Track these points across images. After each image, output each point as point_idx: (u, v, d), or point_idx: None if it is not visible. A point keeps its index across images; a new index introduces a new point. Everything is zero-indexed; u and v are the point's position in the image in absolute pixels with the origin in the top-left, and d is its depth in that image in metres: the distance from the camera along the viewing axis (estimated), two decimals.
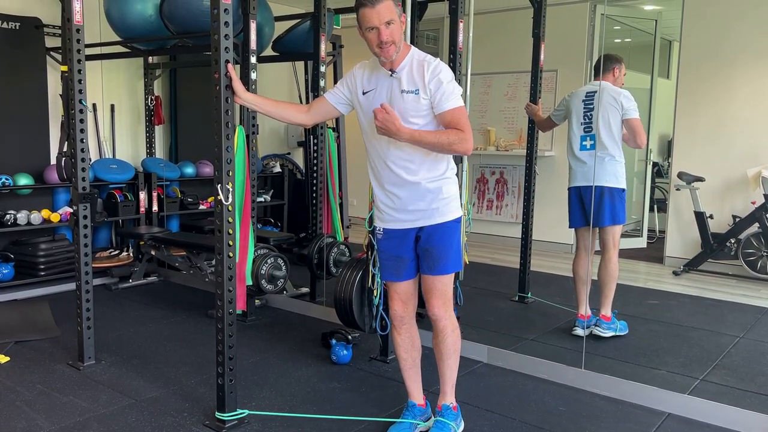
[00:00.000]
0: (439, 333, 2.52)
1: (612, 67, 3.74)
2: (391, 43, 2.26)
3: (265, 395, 2.97)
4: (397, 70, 2.35)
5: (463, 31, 3.55)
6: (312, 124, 2.69)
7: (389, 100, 2.35)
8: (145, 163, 5.43)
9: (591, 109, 3.72)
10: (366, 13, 2.24)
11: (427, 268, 2.46)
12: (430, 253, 2.42)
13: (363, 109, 2.44)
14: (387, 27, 2.24)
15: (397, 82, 2.35)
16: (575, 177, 3.79)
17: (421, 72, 2.32)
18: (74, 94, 3.14)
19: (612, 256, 3.74)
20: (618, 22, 6.39)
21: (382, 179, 2.44)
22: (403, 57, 2.35)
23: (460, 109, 2.31)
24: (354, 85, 2.47)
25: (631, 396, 2.97)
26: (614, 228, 3.71)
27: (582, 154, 3.74)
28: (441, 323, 2.50)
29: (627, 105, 3.63)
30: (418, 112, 2.32)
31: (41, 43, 4.93)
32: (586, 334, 3.69)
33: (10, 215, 4.54)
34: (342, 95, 2.52)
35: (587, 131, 3.73)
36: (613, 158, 3.67)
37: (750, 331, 3.95)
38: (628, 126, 3.65)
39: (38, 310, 4.17)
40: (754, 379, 3.22)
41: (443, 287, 2.48)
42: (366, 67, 2.46)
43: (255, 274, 3.85)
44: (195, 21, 4.12)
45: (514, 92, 6.51)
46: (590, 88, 3.78)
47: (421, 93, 2.31)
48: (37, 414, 2.75)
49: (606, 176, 3.66)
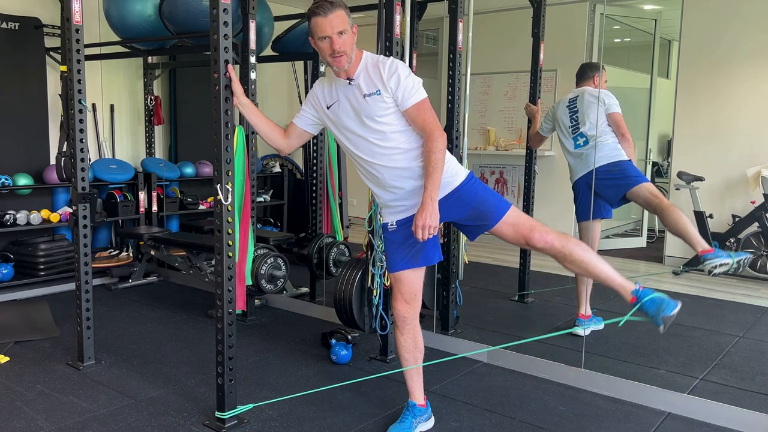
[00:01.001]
0: (566, 254, 2.44)
1: (592, 75, 3.83)
2: (342, 53, 2.30)
3: (264, 395, 2.97)
4: (354, 77, 2.38)
5: (462, 31, 3.55)
6: (288, 151, 2.72)
7: (353, 108, 2.39)
8: (144, 163, 5.43)
9: (576, 111, 3.79)
10: (319, 22, 2.28)
11: (490, 221, 2.44)
12: (475, 211, 2.44)
13: (333, 122, 2.48)
14: (339, 36, 2.28)
15: (356, 88, 2.38)
16: (578, 169, 3.78)
17: (377, 72, 2.35)
18: (74, 94, 3.14)
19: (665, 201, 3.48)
20: (617, 21, 6.39)
21: (381, 180, 2.45)
22: (357, 64, 2.38)
23: (423, 103, 2.35)
24: (317, 103, 2.51)
25: (631, 395, 2.97)
26: (646, 185, 3.56)
27: (578, 151, 3.76)
28: (557, 245, 2.43)
29: (608, 101, 3.69)
30: (386, 110, 2.35)
31: (41, 43, 4.93)
32: (587, 333, 3.69)
33: (9, 215, 4.54)
34: (309, 116, 2.57)
35: (576, 131, 3.78)
36: (609, 140, 3.67)
37: (750, 331, 3.95)
38: (612, 121, 3.68)
39: (38, 310, 4.17)
40: (754, 379, 3.22)
41: (521, 219, 2.46)
42: (324, 82, 2.50)
43: (255, 274, 3.85)
44: (194, 21, 4.12)
45: (514, 92, 6.51)
46: (572, 95, 3.87)
47: (383, 93, 2.34)
48: (37, 414, 2.75)
49: (610, 153, 3.65)
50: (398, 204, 2.48)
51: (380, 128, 2.37)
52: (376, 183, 2.48)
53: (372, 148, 2.41)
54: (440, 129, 2.34)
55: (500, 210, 2.46)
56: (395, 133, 2.38)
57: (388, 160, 2.40)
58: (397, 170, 2.41)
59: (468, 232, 2.58)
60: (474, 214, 2.46)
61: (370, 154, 2.42)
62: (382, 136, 2.38)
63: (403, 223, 2.49)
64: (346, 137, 2.46)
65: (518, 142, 6.36)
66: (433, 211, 2.29)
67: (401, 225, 2.50)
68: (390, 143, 2.38)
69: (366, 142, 2.41)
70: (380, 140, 2.39)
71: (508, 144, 6.48)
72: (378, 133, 2.38)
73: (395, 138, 2.38)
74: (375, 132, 2.38)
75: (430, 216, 2.28)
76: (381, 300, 3.22)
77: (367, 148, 2.42)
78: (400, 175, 2.41)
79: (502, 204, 2.48)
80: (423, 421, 2.64)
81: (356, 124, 2.41)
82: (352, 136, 2.44)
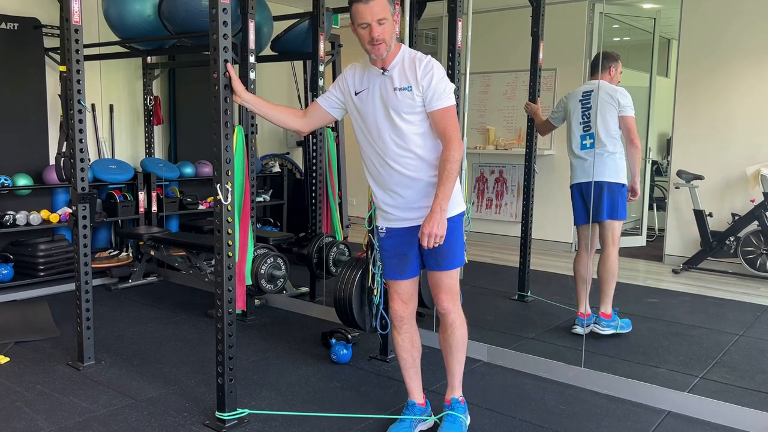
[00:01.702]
0: (447, 327, 2.53)
1: (609, 66, 3.73)
2: (381, 41, 2.27)
3: (265, 395, 2.97)
4: (389, 69, 2.35)
5: (461, 30, 3.55)
6: (308, 131, 2.69)
7: (382, 99, 2.36)
8: (144, 163, 5.43)
9: (588, 108, 3.73)
10: (359, 9, 2.25)
11: (435, 264, 2.46)
12: (437, 250, 2.41)
13: (358, 109, 2.45)
14: (379, 25, 2.25)
15: (389, 80, 2.35)
16: (576, 174, 3.79)
17: (413, 69, 2.32)
18: (73, 95, 3.14)
19: (611, 252, 3.73)
20: (617, 20, 6.39)
21: (384, 180, 2.43)
22: (394, 55, 2.35)
23: (450, 109, 2.33)
24: (346, 87, 2.47)
25: (631, 394, 2.97)
26: (613, 224, 3.70)
27: (583, 152, 3.75)
28: (450, 317, 2.51)
29: (623, 102, 3.64)
30: (413, 108, 2.33)
31: (40, 44, 4.92)
32: (586, 332, 3.69)
33: (9, 216, 4.54)
34: (335, 99, 2.52)
35: (586, 130, 3.74)
36: (613, 154, 3.67)
37: (750, 329, 3.95)
38: (623, 123, 3.66)
39: (38, 310, 4.16)
40: (753, 377, 3.22)
41: (450, 281, 2.49)
42: (357, 68, 2.47)
43: (255, 273, 3.85)
44: (193, 21, 4.12)
45: (513, 91, 6.51)
46: (587, 87, 3.79)
47: (414, 90, 2.31)
48: (37, 414, 2.75)
49: (605, 171, 3.66)
50: (391, 212, 2.47)
51: (402, 125, 2.34)
52: (379, 181, 2.47)
53: (388, 145, 2.37)
54: (460, 139, 2.32)
55: (456, 262, 2.48)
56: (414, 135, 2.35)
57: (399, 164, 2.38)
58: (403, 177, 2.39)
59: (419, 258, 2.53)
60: (435, 249, 2.38)
61: (384, 151, 2.39)
62: (401, 134, 2.35)
63: (392, 232, 2.49)
64: (366, 127, 2.42)
65: (518, 141, 6.36)
66: (442, 221, 2.27)
67: (390, 234, 2.50)
68: (406, 145, 2.35)
69: (383, 138, 2.37)
70: (398, 138, 2.35)
71: (507, 143, 6.48)
72: (398, 130, 2.35)
73: (414, 140, 2.35)
74: (396, 128, 2.35)
75: (438, 225, 2.26)
76: (381, 299, 3.22)
77: (383, 143, 2.38)
78: (404, 182, 2.40)
79: (459, 260, 2.49)
80: (423, 420, 2.64)
81: (380, 115, 2.37)
82: (372, 127, 2.40)
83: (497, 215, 6.68)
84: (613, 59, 3.75)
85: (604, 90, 3.67)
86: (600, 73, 3.72)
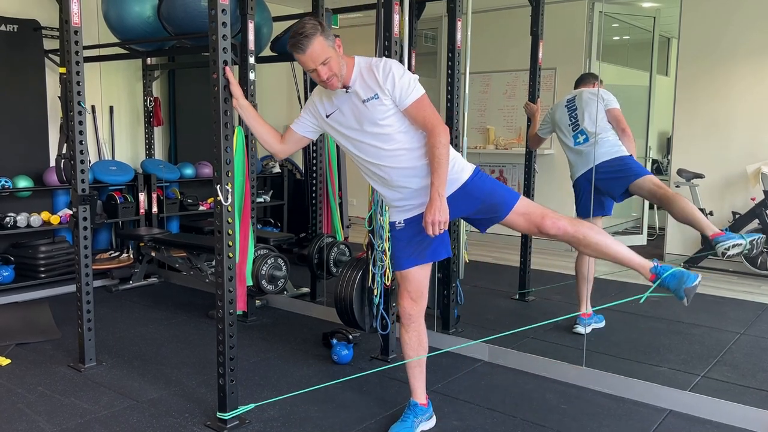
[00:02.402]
0: (581, 240, 2.44)
1: (591, 81, 3.92)
2: (332, 76, 2.32)
3: (266, 395, 2.97)
4: (351, 85, 2.39)
5: (461, 30, 3.55)
6: (284, 156, 2.72)
7: (354, 114, 2.40)
8: (144, 164, 5.43)
9: (575, 109, 3.81)
10: (301, 59, 2.32)
11: (498, 216, 2.47)
12: (485, 205, 2.45)
13: (335, 129, 2.49)
14: (323, 66, 2.30)
15: (354, 95, 2.39)
16: (578, 166, 3.77)
17: (372, 76, 2.36)
18: (73, 96, 3.14)
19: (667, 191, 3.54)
20: (616, 19, 6.39)
21: (388, 181, 2.45)
22: (351, 71, 2.39)
23: (422, 100, 2.35)
24: (317, 111, 2.52)
25: (632, 393, 2.97)
26: (649, 177, 3.57)
27: (578, 147, 3.76)
28: (570, 230, 2.43)
29: (607, 97, 3.71)
30: (386, 113, 2.36)
31: (39, 46, 4.93)
32: (588, 331, 3.69)
33: (9, 218, 4.54)
34: (308, 123, 2.57)
35: (576, 129, 3.79)
36: (608, 138, 3.68)
37: (751, 328, 3.95)
38: (611, 116, 3.69)
39: (39, 312, 4.17)
40: (755, 375, 3.22)
41: (529, 209, 2.48)
42: (322, 92, 2.50)
43: (255, 274, 3.85)
44: (193, 22, 4.12)
45: (513, 91, 6.51)
46: (569, 96, 3.91)
47: (381, 96, 2.34)
48: (39, 416, 2.75)
49: (611, 149, 3.65)
50: (406, 203, 2.49)
51: (383, 131, 2.38)
52: (383, 183, 2.48)
53: (377, 151, 2.41)
54: (442, 124, 2.35)
55: (509, 201, 2.47)
56: (398, 133, 2.39)
57: (394, 161, 2.41)
58: (404, 170, 2.41)
59: (479, 225, 2.60)
60: (484, 207, 2.48)
61: (376, 157, 2.42)
62: (386, 138, 2.39)
63: (411, 221, 2.50)
64: (351, 143, 2.47)
65: (518, 140, 6.36)
66: (442, 207, 2.29)
67: (409, 223, 2.50)
68: (394, 144, 2.39)
69: (370, 146, 2.42)
70: (384, 142, 2.39)
71: (507, 143, 6.48)
72: (381, 136, 2.39)
73: (399, 139, 2.39)
74: (378, 135, 2.39)
75: (439, 211, 2.28)
76: (382, 299, 3.22)
77: (372, 151, 2.42)
78: (407, 174, 2.42)
79: (511, 195, 2.49)
80: (424, 420, 2.64)
81: (359, 130, 2.41)
82: (356, 141, 2.44)
83: None
84: (594, 77, 3.95)
85: (587, 92, 3.81)
86: (583, 85, 3.93)
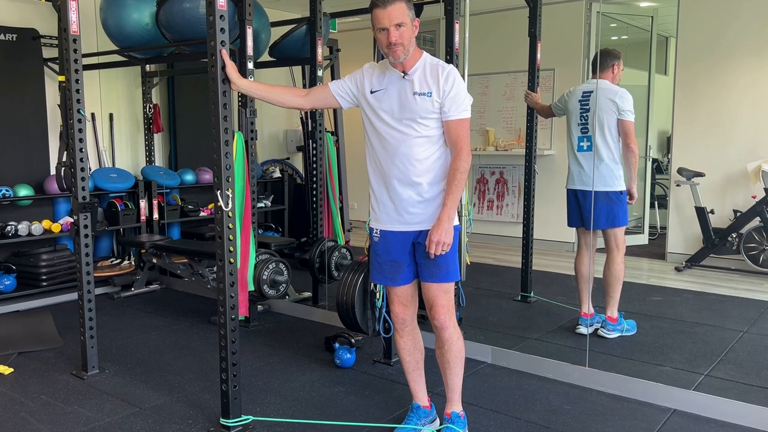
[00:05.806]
0: (444, 343, 2.48)
1: (611, 64, 3.67)
2: (399, 44, 2.28)
3: (269, 400, 2.97)
4: (410, 73, 2.36)
5: (459, 32, 3.55)
6: (310, 107, 2.69)
7: (400, 102, 2.37)
8: (144, 171, 5.43)
9: (587, 109, 3.69)
10: (377, 13, 2.28)
11: (429, 276, 2.44)
12: (432, 261, 2.40)
13: (373, 107, 2.44)
14: (397, 29, 2.27)
15: (409, 84, 2.36)
16: (572, 179, 3.77)
17: (435, 76, 2.34)
18: (72, 104, 3.14)
19: (615, 257, 3.70)
20: (614, 19, 6.40)
21: (387, 176, 2.42)
22: (415, 60, 2.37)
23: (465, 122, 2.36)
24: (362, 83, 2.48)
25: (636, 393, 2.96)
26: (614, 230, 3.68)
27: (580, 155, 3.72)
28: (446, 332, 2.47)
29: (623, 106, 3.56)
30: (429, 113, 2.34)
31: (39, 54, 4.94)
32: (590, 332, 3.69)
33: (11, 227, 4.54)
34: (347, 89, 2.51)
35: (584, 132, 3.71)
36: (609, 162, 3.63)
37: (754, 326, 3.94)
38: (621, 127, 3.59)
39: (41, 320, 4.17)
40: (759, 374, 3.21)
41: (446, 294, 2.46)
42: (376, 68, 2.47)
43: (257, 279, 3.85)
44: (191, 28, 4.13)
45: (512, 92, 6.51)
46: (587, 87, 3.75)
47: (434, 96, 2.33)
48: (42, 424, 2.75)
49: (602, 180, 3.62)
50: (388, 213, 2.46)
51: (414, 128, 2.35)
52: (382, 177, 2.45)
53: (398, 144, 2.38)
54: (469, 151, 2.35)
55: (451, 276, 2.43)
56: (422, 138, 2.36)
57: (402, 163, 2.38)
58: (404, 176, 2.39)
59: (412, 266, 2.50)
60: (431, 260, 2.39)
61: (394, 150, 2.39)
62: (410, 137, 2.36)
63: (385, 237, 2.48)
64: (378, 125, 2.42)
65: (518, 141, 6.36)
66: (449, 229, 2.31)
67: (383, 238, 2.49)
68: (412, 146, 2.36)
69: (393, 138, 2.38)
70: (407, 139, 2.36)
71: (507, 144, 6.48)
72: (409, 132, 2.36)
73: (419, 143, 2.36)
74: (407, 130, 2.36)
75: (445, 233, 2.30)
76: (384, 303, 3.21)
77: (393, 142, 2.39)
78: (406, 183, 2.39)
79: (455, 273, 2.45)
80: (428, 423, 2.63)
81: (395, 116, 2.37)
82: (384, 126, 2.40)
83: (498, 216, 6.68)
84: (614, 57, 3.68)
85: (605, 92, 3.60)
86: (601, 71, 3.66)
